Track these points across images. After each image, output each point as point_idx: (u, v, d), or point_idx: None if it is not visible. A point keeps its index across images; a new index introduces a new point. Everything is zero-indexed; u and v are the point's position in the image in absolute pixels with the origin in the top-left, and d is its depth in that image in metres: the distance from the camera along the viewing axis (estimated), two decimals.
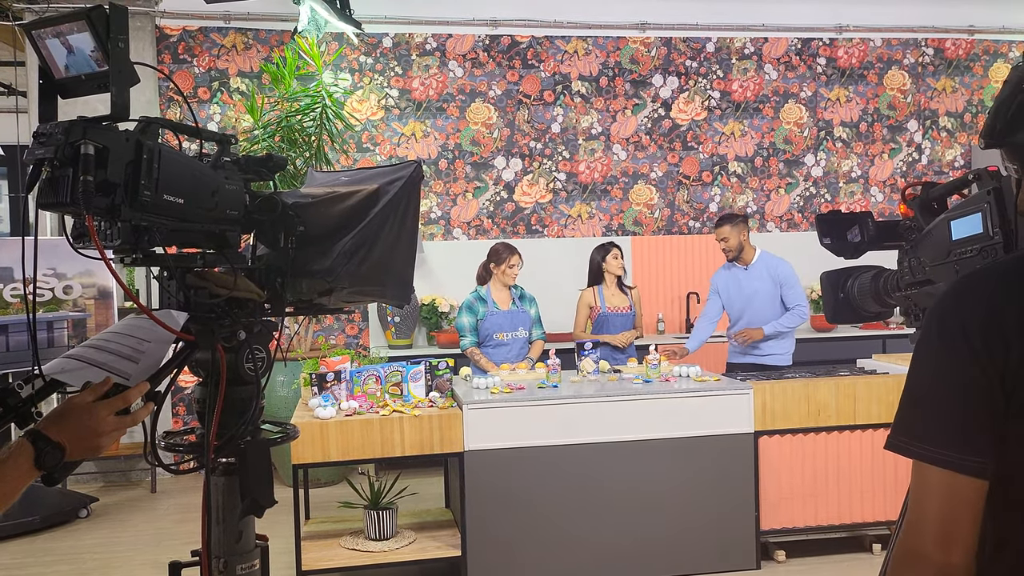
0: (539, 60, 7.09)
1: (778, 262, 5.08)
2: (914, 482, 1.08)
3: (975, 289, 1.08)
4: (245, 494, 1.75)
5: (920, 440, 1.07)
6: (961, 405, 1.04)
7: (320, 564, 3.91)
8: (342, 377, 4.13)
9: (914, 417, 1.09)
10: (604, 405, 4.13)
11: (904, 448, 1.08)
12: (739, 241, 5.08)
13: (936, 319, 1.09)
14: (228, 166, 1.72)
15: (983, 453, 1.02)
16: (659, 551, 4.12)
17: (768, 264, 5.09)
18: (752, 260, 5.13)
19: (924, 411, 1.08)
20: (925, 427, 1.07)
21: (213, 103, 6.65)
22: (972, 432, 1.03)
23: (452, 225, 7.01)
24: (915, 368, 1.11)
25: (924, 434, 1.06)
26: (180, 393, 6.54)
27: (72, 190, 1.37)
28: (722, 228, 5.11)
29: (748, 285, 5.12)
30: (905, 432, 1.09)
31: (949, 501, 1.04)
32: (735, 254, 5.12)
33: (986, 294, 1.06)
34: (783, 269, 5.05)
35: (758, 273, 5.10)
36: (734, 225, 5.09)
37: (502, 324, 5.13)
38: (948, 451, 1.03)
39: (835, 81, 7.52)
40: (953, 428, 1.04)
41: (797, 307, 4.99)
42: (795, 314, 4.99)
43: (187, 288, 1.69)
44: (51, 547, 4.87)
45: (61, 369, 1.48)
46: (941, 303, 1.10)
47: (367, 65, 6.86)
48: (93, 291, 5.48)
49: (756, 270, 5.11)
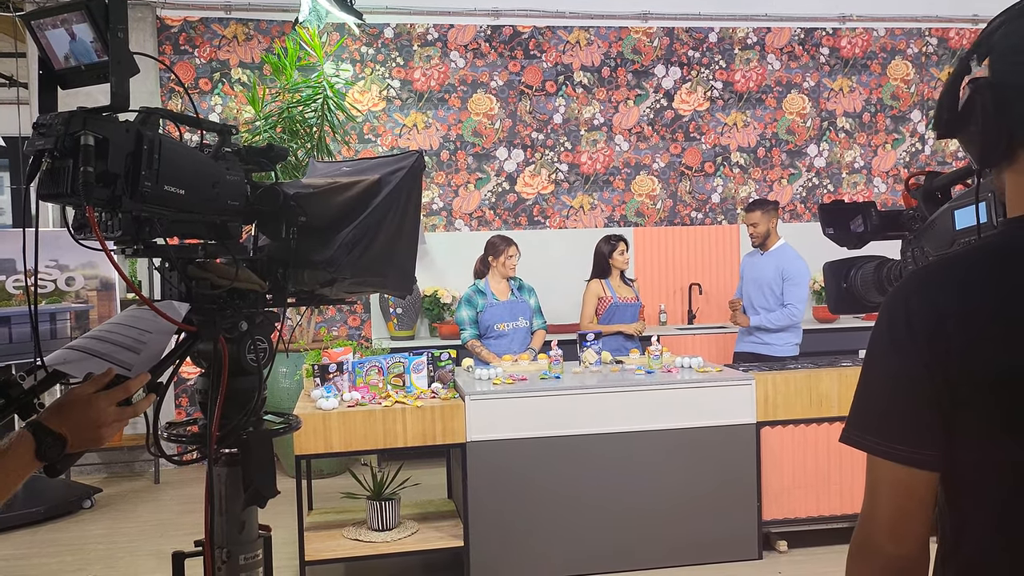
0: (541, 50, 7.06)
1: (792, 257, 5.08)
2: (867, 475, 1.09)
3: (924, 282, 1.07)
4: (248, 484, 1.76)
5: (871, 433, 1.07)
6: (908, 399, 1.04)
7: (323, 554, 3.92)
8: (344, 368, 4.13)
9: (866, 411, 1.10)
10: (606, 396, 4.13)
11: (856, 441, 1.09)
12: (767, 228, 5.12)
13: (887, 312, 1.09)
14: (229, 157, 1.71)
15: (931, 446, 1.03)
16: (661, 541, 4.13)
17: (781, 256, 5.10)
18: (771, 248, 5.15)
19: (874, 405, 1.09)
20: (875, 421, 1.07)
21: (214, 94, 6.64)
22: (920, 426, 1.03)
23: (454, 216, 7.00)
24: (867, 361, 1.11)
25: (875, 428, 1.07)
26: (183, 385, 6.55)
27: (72, 181, 1.36)
28: (753, 213, 5.15)
29: (757, 270, 5.17)
30: (857, 425, 1.10)
31: (900, 494, 1.05)
32: (760, 240, 5.14)
33: (933, 287, 1.06)
34: (792, 265, 5.04)
35: (769, 262, 5.12)
36: (765, 211, 5.13)
37: (502, 314, 5.13)
38: (897, 445, 1.04)
39: (838, 71, 7.49)
40: (901, 422, 1.04)
41: (790, 306, 4.98)
42: (784, 313, 4.98)
43: (188, 279, 1.69)
44: (55, 538, 4.89)
45: (63, 360, 1.48)
46: (892, 296, 1.10)
47: (369, 56, 6.84)
48: (96, 283, 5.48)
49: (769, 258, 5.14)
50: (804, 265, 5.06)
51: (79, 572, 4.32)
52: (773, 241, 5.17)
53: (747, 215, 5.21)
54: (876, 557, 1.07)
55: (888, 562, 1.06)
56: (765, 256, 5.17)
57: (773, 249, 5.15)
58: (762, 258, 5.19)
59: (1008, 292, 1.02)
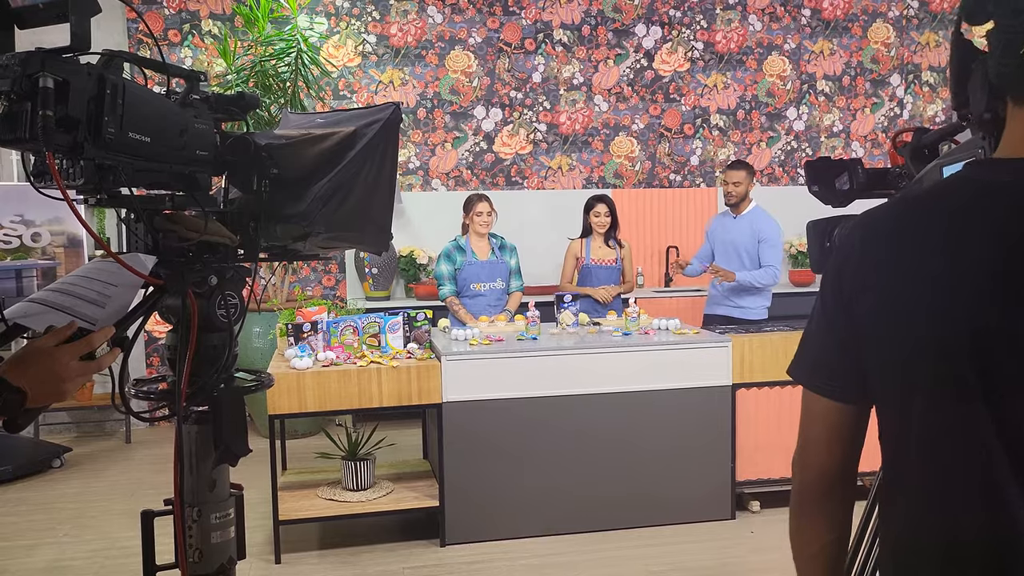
0: (520, 7, 6.94)
1: (766, 220, 5.05)
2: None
3: (859, 227, 1.08)
4: (218, 443, 1.72)
5: (799, 366, 1.16)
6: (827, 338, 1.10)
7: (297, 514, 3.91)
8: (319, 328, 4.08)
9: (800, 345, 1.18)
10: (583, 357, 4.12)
11: (792, 372, 1.18)
12: (746, 189, 5.10)
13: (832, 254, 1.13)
14: (198, 104, 1.64)
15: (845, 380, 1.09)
16: (636, 502, 4.16)
17: (755, 218, 5.07)
18: (744, 211, 5.12)
19: (805, 340, 1.16)
20: (803, 354, 1.16)
21: (184, 46, 6.47)
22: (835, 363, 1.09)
23: (431, 176, 6.91)
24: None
25: (802, 360, 1.16)
26: (154, 343, 6.46)
27: (31, 125, 1.29)
28: (738, 172, 5.11)
29: (730, 234, 5.14)
30: (794, 358, 1.18)
31: (818, 422, 1.13)
32: (737, 200, 5.11)
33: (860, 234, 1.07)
34: (767, 227, 5.02)
35: (742, 225, 5.10)
36: (749, 172, 5.11)
37: (479, 274, 5.09)
38: (817, 377, 1.12)
39: (819, 33, 7.44)
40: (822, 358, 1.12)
41: (770, 267, 4.96)
42: (767, 272, 4.96)
43: (155, 231, 1.62)
44: (25, 497, 4.83)
45: (24, 313, 1.42)
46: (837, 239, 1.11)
47: (344, 9, 6.68)
48: (63, 239, 5.36)
49: (743, 221, 5.11)
50: (778, 226, 5.05)
51: (49, 531, 4.28)
52: (746, 205, 5.14)
53: (730, 172, 5.14)
54: (797, 477, 1.17)
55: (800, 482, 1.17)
56: (738, 219, 5.14)
57: (746, 212, 5.12)
58: (735, 221, 5.16)
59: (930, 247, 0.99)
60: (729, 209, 5.20)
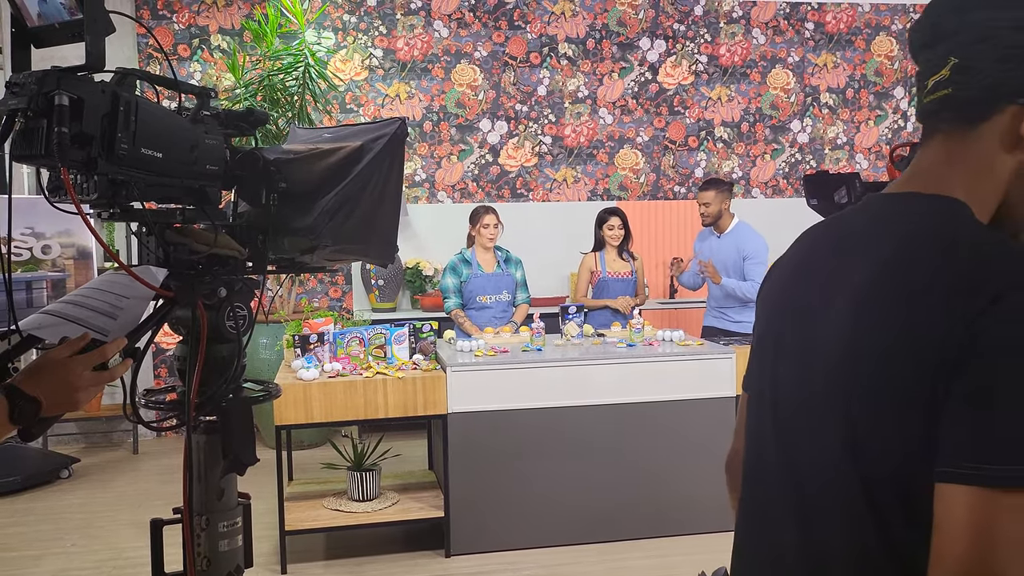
0: (526, 21, 7.00)
1: (750, 236, 5.03)
2: None
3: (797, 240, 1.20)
4: (227, 452, 1.75)
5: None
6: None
7: (303, 524, 3.93)
8: (325, 339, 4.12)
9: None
10: (587, 368, 4.14)
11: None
12: (719, 209, 5.07)
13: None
14: (208, 120, 1.68)
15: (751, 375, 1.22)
16: (641, 513, 4.16)
17: (738, 236, 5.06)
18: (727, 229, 5.12)
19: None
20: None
21: (193, 61, 6.53)
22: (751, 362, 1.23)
23: (436, 188, 6.95)
24: None
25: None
26: (162, 355, 6.50)
27: (47, 142, 1.33)
28: (707, 192, 5.09)
29: (715, 253, 5.13)
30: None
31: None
32: (711, 220, 5.11)
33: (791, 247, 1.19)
34: (751, 244, 4.99)
35: (726, 244, 5.09)
36: (720, 191, 5.07)
37: (485, 287, 5.11)
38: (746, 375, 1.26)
39: (823, 47, 7.48)
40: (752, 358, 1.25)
41: (754, 282, 4.91)
42: (752, 286, 4.88)
43: (166, 244, 1.66)
44: (32, 507, 4.86)
45: (38, 325, 1.46)
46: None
47: (351, 24, 6.75)
48: (72, 251, 5.40)
49: (727, 240, 5.10)
50: (763, 242, 5.01)
51: (56, 541, 4.31)
52: (727, 222, 5.11)
53: (701, 194, 5.13)
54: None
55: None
56: (723, 238, 5.11)
57: (730, 230, 5.10)
58: (719, 240, 5.13)
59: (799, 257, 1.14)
60: (712, 228, 5.19)
